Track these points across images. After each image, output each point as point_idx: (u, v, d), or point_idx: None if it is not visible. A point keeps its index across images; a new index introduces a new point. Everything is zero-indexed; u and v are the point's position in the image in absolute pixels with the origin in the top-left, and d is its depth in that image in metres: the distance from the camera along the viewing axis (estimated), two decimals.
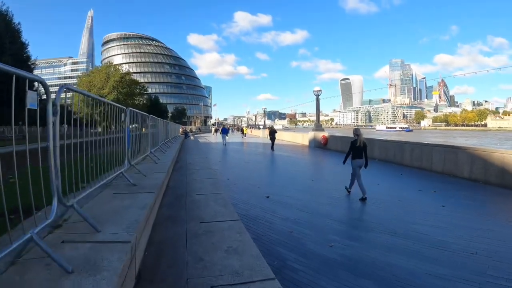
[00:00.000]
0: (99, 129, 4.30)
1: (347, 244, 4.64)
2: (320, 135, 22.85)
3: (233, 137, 42.06)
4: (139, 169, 5.45)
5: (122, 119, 5.03)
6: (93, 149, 3.58)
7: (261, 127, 51.55)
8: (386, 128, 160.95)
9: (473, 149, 10.98)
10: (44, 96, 2.44)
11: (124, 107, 5.00)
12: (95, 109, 3.88)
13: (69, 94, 2.83)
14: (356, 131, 8.23)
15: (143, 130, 7.67)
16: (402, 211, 6.47)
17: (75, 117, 3.24)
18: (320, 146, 22.45)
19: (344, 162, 8.34)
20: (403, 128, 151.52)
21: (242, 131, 44.75)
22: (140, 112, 6.80)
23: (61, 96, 2.58)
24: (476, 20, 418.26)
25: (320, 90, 23.88)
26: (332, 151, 19.99)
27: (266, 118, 49.70)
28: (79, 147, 3.14)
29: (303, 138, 27.29)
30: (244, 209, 6.31)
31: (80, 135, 3.29)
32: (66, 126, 2.93)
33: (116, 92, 56.25)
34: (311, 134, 24.22)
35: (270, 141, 22.23)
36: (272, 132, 22.69)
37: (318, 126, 24.41)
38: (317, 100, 24.07)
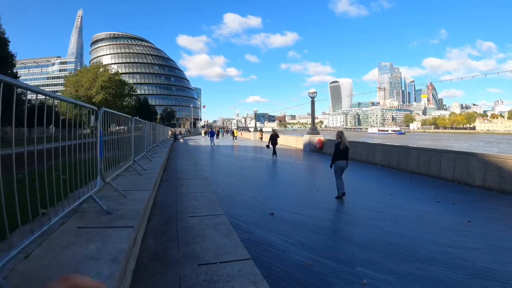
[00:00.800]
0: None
1: (382, 280, 3.69)
2: (316, 138, 22.01)
3: (224, 140, 41.07)
4: (116, 186, 4.34)
5: (92, 123, 4.18)
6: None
7: (252, 129, 50.61)
8: (378, 131, 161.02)
9: (486, 155, 10.21)
10: None
11: (96, 108, 4.09)
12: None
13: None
14: (339, 134, 8.35)
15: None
16: (429, 230, 5.58)
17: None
18: (316, 150, 21.62)
19: (331, 166, 8.29)
20: (395, 131, 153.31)
21: (232, 133, 43.89)
22: (120, 113, 5.70)
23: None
24: (466, 24, 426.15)
25: (315, 92, 23.02)
26: (328, 156, 18.93)
27: (255, 120, 48.53)
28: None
29: (296, 142, 26.41)
30: (247, 231, 5.26)
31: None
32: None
33: (104, 92, 54.55)
34: (306, 138, 23.26)
35: (263, 144, 21.03)
36: (274, 137, 19.09)
37: (314, 129, 23.44)
38: (312, 103, 23.19)
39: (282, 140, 31.17)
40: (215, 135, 35.76)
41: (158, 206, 5.26)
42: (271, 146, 19.20)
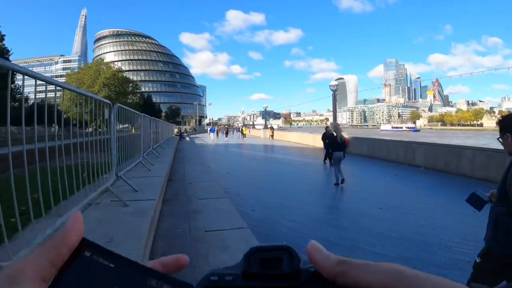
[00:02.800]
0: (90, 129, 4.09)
1: None
2: None
3: (233, 139, 38.97)
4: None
5: (106, 116, 4.43)
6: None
7: (259, 126, 48.63)
8: (392, 127, 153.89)
9: None
10: None
11: (109, 102, 4.48)
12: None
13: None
14: (327, 128, 8.68)
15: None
16: None
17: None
18: None
19: (324, 159, 8.55)
20: (410, 127, 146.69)
21: (241, 131, 41.89)
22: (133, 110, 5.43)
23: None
24: (471, 20, 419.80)
25: (337, 85, 21.18)
26: (355, 156, 17.13)
27: (265, 117, 46.31)
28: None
29: (314, 140, 24.39)
30: None
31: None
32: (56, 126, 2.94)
33: (107, 89, 52.92)
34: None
35: (275, 143, 18.84)
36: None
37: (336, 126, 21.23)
38: (334, 96, 21.24)
39: (296, 138, 29.27)
40: (215, 131, 38.06)
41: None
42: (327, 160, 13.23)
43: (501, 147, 2.36)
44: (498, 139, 2.33)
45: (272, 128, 38.45)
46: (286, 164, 14.73)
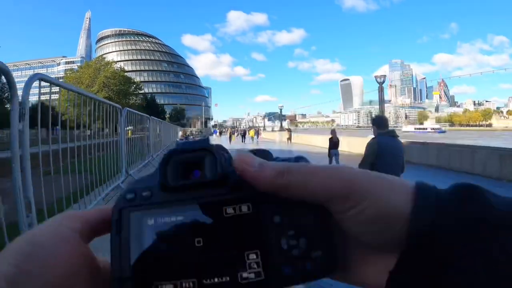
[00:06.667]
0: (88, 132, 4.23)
1: None
2: None
3: (242, 143, 33.10)
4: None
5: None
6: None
7: (276, 129, 44.59)
8: (415, 129, 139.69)
9: None
10: None
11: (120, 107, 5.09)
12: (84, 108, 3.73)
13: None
14: (332, 132, 11.13)
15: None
16: None
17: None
18: None
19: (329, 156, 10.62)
20: (435, 129, 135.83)
21: (257, 133, 36.41)
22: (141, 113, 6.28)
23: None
24: (477, 18, 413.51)
25: (384, 76, 17.74)
26: (417, 166, 13.51)
27: (280, 119, 42.70)
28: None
29: (349, 145, 20.72)
30: None
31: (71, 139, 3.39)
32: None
33: (107, 90, 49.63)
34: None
35: (293, 147, 15.15)
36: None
37: None
38: (381, 90, 17.64)
39: (322, 142, 25.41)
40: (217, 133, 42.01)
41: None
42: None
43: None
44: None
45: (289, 130, 34.18)
46: None
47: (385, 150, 3.71)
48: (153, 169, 1.51)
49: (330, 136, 11.00)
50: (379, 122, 4.04)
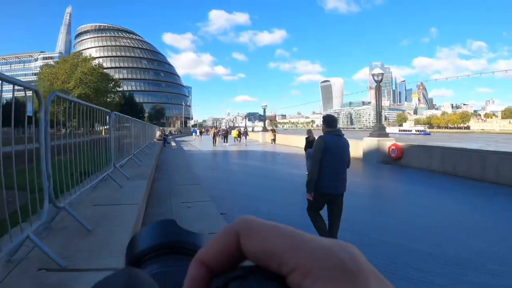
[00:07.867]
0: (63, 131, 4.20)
1: None
2: (388, 143, 14.80)
3: (225, 145, 28.87)
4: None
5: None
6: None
7: (256, 129, 43.28)
8: (399, 131, 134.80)
9: None
10: None
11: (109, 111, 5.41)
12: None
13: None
14: (309, 132, 11.39)
15: None
16: None
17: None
18: (388, 161, 14.39)
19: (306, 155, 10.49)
20: (420, 131, 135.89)
21: (245, 134, 33.91)
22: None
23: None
24: (456, 23, 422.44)
25: (382, 73, 17.22)
26: (414, 170, 12.74)
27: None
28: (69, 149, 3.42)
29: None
30: None
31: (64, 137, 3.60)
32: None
33: (84, 86, 47.12)
34: (370, 142, 15.76)
35: (278, 149, 14.25)
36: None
37: (381, 130, 16.21)
38: (378, 88, 16.84)
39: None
40: (197, 132, 49.46)
41: None
42: None
43: None
44: None
45: (274, 130, 32.88)
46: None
47: (330, 147, 4.01)
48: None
49: (307, 135, 11.50)
50: (328, 121, 4.25)
